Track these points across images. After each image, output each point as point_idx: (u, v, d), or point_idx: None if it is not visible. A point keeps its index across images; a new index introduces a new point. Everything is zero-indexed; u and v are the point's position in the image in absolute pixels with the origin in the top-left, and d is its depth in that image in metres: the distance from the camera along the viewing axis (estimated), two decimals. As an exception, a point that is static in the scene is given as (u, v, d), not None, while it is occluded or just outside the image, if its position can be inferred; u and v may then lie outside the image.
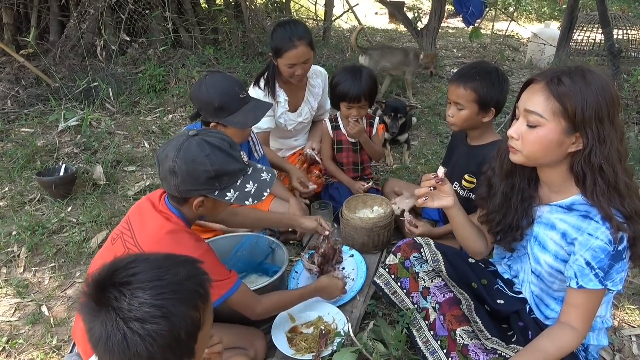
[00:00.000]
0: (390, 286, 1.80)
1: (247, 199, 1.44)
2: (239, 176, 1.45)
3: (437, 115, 4.26)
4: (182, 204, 1.46)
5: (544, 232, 1.43)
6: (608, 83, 1.28)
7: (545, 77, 1.30)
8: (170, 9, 4.79)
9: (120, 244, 1.46)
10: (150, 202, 1.49)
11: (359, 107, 2.42)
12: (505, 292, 1.62)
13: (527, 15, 9.28)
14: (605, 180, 1.26)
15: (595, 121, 1.24)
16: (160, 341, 0.85)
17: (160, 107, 4.29)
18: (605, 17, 4.21)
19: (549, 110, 1.27)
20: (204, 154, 1.36)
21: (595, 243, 1.26)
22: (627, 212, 1.25)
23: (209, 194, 1.41)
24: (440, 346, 1.54)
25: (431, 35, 5.63)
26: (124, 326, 0.84)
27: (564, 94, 1.25)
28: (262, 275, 2.10)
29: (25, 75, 4.51)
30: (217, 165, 1.38)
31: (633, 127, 3.77)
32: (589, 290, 1.29)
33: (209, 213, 1.55)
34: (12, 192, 2.97)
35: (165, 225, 1.41)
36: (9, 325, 2.02)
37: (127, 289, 0.86)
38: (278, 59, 2.44)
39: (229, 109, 1.96)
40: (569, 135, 1.27)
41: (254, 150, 2.38)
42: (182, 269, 0.92)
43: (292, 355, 1.68)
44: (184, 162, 1.36)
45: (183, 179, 1.37)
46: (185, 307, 0.89)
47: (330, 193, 2.65)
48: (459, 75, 2.00)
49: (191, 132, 1.41)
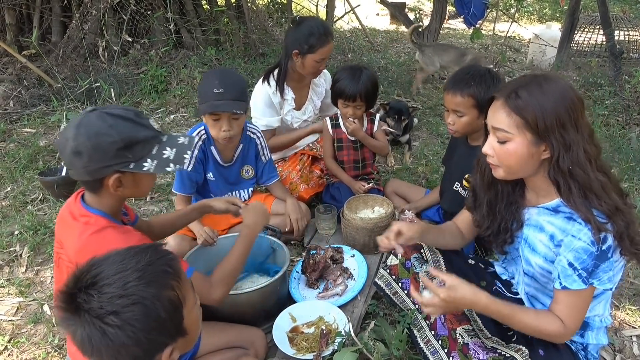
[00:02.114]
0: (391, 287, 1.80)
1: (168, 165, 1.35)
2: (153, 144, 1.34)
3: (438, 116, 4.26)
4: (99, 192, 1.34)
5: (533, 234, 1.44)
6: (567, 88, 1.29)
7: (504, 92, 1.32)
8: (172, 9, 4.81)
9: (62, 266, 1.39)
10: (68, 211, 1.39)
11: (355, 106, 2.42)
12: (504, 293, 1.63)
13: (528, 16, 9.28)
14: (579, 184, 1.28)
15: (557, 128, 1.26)
16: (139, 326, 0.87)
17: (162, 107, 4.30)
18: (606, 18, 4.21)
19: (513, 125, 1.29)
20: (106, 124, 1.26)
21: (577, 244, 1.27)
22: (607, 210, 1.26)
23: (124, 168, 1.29)
24: (441, 346, 1.54)
25: (432, 36, 5.64)
26: (100, 323, 0.86)
27: (522, 107, 1.27)
28: (263, 275, 2.10)
29: (28, 75, 4.53)
30: (125, 134, 1.27)
31: (634, 128, 3.77)
32: (573, 290, 1.30)
33: (132, 193, 1.41)
34: (15, 192, 2.98)
35: (86, 229, 1.31)
36: (11, 325, 2.03)
37: (93, 289, 0.88)
38: (308, 54, 2.46)
39: (202, 98, 2.09)
40: (537, 145, 1.30)
41: (261, 154, 2.39)
42: (144, 255, 0.94)
43: (293, 354, 1.68)
44: (87, 137, 1.24)
45: (90, 157, 1.25)
46: (155, 289, 0.91)
47: (331, 193, 2.66)
48: (453, 82, 1.98)
49: (88, 109, 1.31)
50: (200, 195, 2.36)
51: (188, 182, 2.21)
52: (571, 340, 1.48)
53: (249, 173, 2.40)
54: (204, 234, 2.01)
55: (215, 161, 2.28)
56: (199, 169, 2.24)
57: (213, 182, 2.31)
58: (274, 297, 1.89)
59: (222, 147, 2.24)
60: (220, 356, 1.61)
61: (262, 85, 2.59)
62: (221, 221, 2.37)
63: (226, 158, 2.30)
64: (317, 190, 2.72)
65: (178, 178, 2.22)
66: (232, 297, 1.79)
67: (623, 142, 3.57)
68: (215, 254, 2.06)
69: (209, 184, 2.32)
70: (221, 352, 1.62)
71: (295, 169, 2.70)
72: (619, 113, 4.04)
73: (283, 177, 2.65)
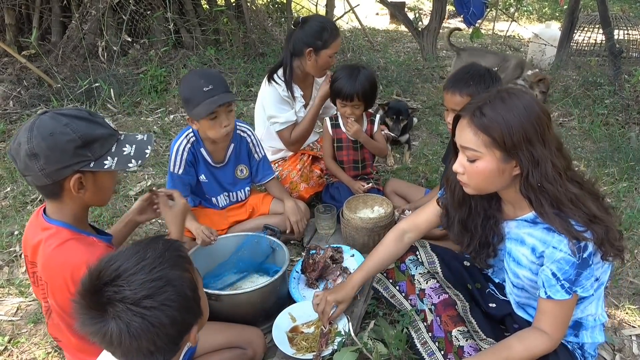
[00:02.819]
0: (388, 290, 1.81)
1: (130, 162, 1.33)
2: (111, 142, 1.32)
3: (437, 116, 4.26)
4: (60, 199, 1.30)
5: (515, 248, 1.43)
6: (531, 102, 1.27)
7: (468, 111, 1.30)
8: (171, 9, 4.80)
9: (39, 285, 1.37)
10: (32, 227, 1.37)
11: (353, 106, 2.41)
12: (497, 295, 1.64)
13: (527, 16, 9.27)
14: (550, 197, 1.26)
15: (525, 144, 1.24)
16: (175, 305, 0.92)
17: (162, 107, 4.30)
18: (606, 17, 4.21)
19: (481, 144, 1.27)
20: (61, 124, 1.23)
21: (559, 255, 1.27)
22: (583, 220, 1.25)
23: (84, 167, 1.26)
24: (438, 348, 1.55)
25: (432, 36, 5.64)
26: (137, 308, 0.88)
27: (488, 125, 1.25)
28: (263, 275, 2.11)
29: (27, 76, 4.53)
30: (81, 132, 1.24)
31: (634, 128, 3.77)
32: (557, 300, 1.30)
33: (94, 197, 1.35)
34: (15, 192, 2.98)
35: (49, 243, 1.28)
36: (11, 325, 2.03)
37: (120, 281, 0.90)
38: (322, 50, 2.47)
39: (193, 102, 2.03)
40: (507, 162, 1.28)
41: (253, 152, 2.39)
42: (157, 244, 0.98)
43: (293, 354, 1.69)
44: (41, 138, 1.21)
45: (47, 158, 1.21)
46: (178, 270, 0.96)
47: (330, 193, 2.66)
48: (452, 82, 1.98)
49: (39, 112, 1.29)
50: (198, 197, 2.37)
51: (180, 185, 2.20)
52: (567, 340, 1.48)
53: (243, 172, 2.39)
54: (202, 233, 2.01)
55: (207, 163, 2.27)
56: (190, 172, 2.23)
57: (206, 183, 2.31)
58: (273, 297, 1.90)
59: (212, 148, 2.24)
60: (219, 356, 1.62)
61: (270, 86, 2.57)
62: (221, 221, 2.37)
63: (217, 159, 2.29)
64: (317, 189, 2.72)
65: (170, 182, 2.22)
66: (232, 297, 1.80)
67: (622, 141, 3.57)
68: (214, 253, 2.06)
69: (203, 186, 2.32)
70: (219, 352, 1.63)
71: (296, 168, 2.70)
72: (619, 112, 4.04)
73: (283, 177, 2.65)
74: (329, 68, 2.60)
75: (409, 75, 5.17)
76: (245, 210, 2.45)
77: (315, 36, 2.46)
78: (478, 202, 1.48)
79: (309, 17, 2.68)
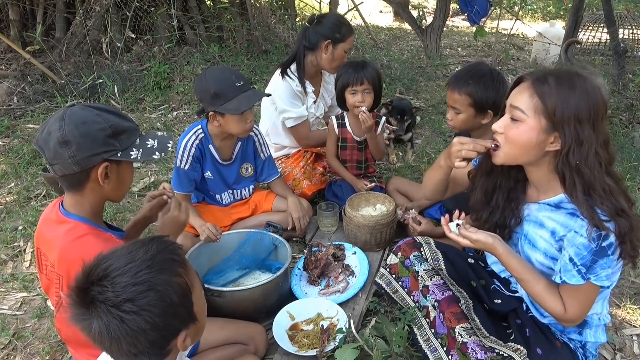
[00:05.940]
0: (391, 285, 1.81)
1: (154, 153, 1.38)
2: (136, 135, 1.37)
3: (440, 114, 4.25)
4: (82, 189, 1.33)
5: (533, 230, 1.45)
6: (596, 89, 1.28)
7: (534, 75, 1.32)
8: (175, 6, 4.81)
9: (50, 275, 1.38)
10: (47, 220, 1.39)
11: (363, 91, 2.37)
12: (502, 291, 1.64)
13: (532, 14, 9.25)
14: (584, 181, 1.27)
15: (574, 122, 1.25)
16: (155, 310, 0.90)
17: (165, 104, 4.31)
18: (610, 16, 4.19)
19: (531, 107, 1.29)
20: (93, 114, 1.28)
21: (578, 240, 1.28)
22: (610, 210, 1.25)
23: (112, 156, 1.30)
24: (440, 344, 1.55)
25: (436, 34, 5.63)
26: (117, 311, 0.88)
27: (546, 92, 1.27)
28: (265, 271, 2.12)
29: (31, 71, 4.54)
30: (112, 122, 1.30)
31: (638, 127, 3.76)
32: (571, 285, 1.31)
33: (115, 187, 1.38)
34: (19, 188, 2.99)
35: (67, 236, 1.30)
36: (15, 319, 2.04)
37: (106, 281, 0.90)
38: (340, 44, 2.54)
39: (225, 96, 2.00)
40: (548, 134, 1.29)
41: (259, 151, 2.39)
42: (151, 246, 0.96)
43: (295, 352, 1.70)
44: (74, 126, 1.25)
45: (79, 145, 1.25)
46: (166, 275, 0.94)
47: (333, 190, 2.66)
48: (454, 79, 2.01)
49: (68, 104, 1.31)
50: (202, 194, 2.38)
51: (185, 180, 2.21)
52: (569, 339, 1.48)
53: (248, 171, 2.40)
54: (207, 230, 2.02)
55: (214, 160, 2.27)
56: (196, 168, 2.24)
57: (211, 180, 2.31)
58: (275, 293, 1.91)
59: (220, 145, 2.24)
60: (221, 352, 1.63)
61: (284, 81, 2.58)
62: (224, 218, 2.38)
63: (225, 156, 2.30)
64: (319, 187, 2.73)
65: (175, 177, 2.22)
66: (234, 293, 1.81)
67: (626, 140, 3.56)
68: (218, 250, 2.07)
69: (207, 183, 2.33)
70: (221, 348, 1.64)
71: (299, 165, 2.71)
72: (622, 112, 4.02)
73: (286, 174, 2.66)
74: (342, 63, 2.62)
75: (412, 74, 5.16)
76: (248, 207, 2.46)
77: (333, 29, 2.53)
78: (505, 179, 1.49)
79: (325, 14, 2.72)
